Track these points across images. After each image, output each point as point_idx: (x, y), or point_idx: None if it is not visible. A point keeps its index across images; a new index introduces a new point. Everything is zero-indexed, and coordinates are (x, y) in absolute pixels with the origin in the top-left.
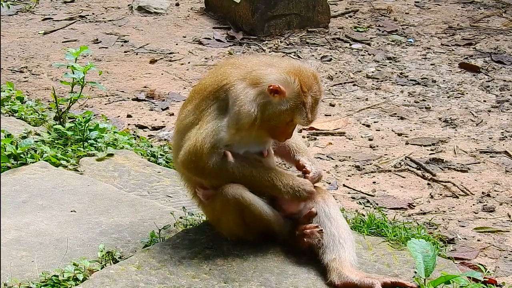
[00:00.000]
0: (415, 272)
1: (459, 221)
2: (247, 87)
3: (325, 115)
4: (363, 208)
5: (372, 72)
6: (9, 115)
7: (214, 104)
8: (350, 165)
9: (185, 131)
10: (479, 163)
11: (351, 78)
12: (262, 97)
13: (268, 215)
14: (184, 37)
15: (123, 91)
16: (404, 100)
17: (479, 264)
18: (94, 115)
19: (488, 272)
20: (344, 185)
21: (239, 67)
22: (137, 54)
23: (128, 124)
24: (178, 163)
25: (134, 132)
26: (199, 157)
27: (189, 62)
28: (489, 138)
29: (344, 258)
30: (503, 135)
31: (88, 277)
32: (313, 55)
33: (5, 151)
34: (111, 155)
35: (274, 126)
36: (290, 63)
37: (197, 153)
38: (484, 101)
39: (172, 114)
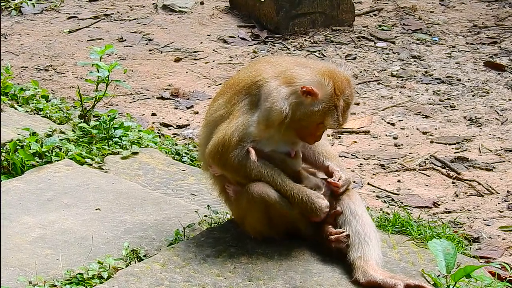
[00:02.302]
0: (439, 271)
1: (484, 220)
2: (281, 85)
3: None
4: (388, 207)
5: (397, 70)
6: (34, 114)
7: (246, 98)
8: (374, 164)
9: (215, 124)
10: (504, 161)
11: (376, 76)
12: (295, 97)
13: (293, 213)
14: (209, 35)
15: (147, 90)
16: (429, 99)
17: (504, 263)
18: (119, 113)
19: None
20: (368, 184)
21: (273, 65)
22: (161, 53)
23: (153, 123)
24: (206, 153)
25: (159, 130)
26: (226, 149)
27: (213, 61)
28: None
29: (370, 257)
30: None
31: (113, 275)
32: (337, 54)
33: (30, 149)
34: (135, 153)
35: (304, 127)
36: (324, 65)
37: (225, 145)
38: (509, 99)
39: (197, 113)
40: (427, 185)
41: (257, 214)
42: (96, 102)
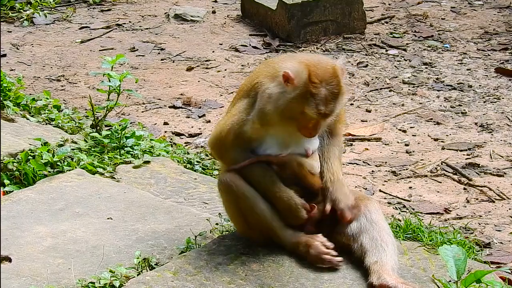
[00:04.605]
0: (450, 277)
1: (495, 226)
2: (270, 82)
3: (361, 120)
4: (399, 213)
5: (408, 77)
6: (46, 124)
7: (244, 100)
8: (386, 171)
9: None
10: None
11: (387, 84)
12: (279, 88)
13: (264, 211)
14: (221, 44)
15: (159, 99)
16: (440, 105)
17: None
18: (131, 122)
19: None
20: (380, 191)
21: (269, 65)
22: (173, 62)
23: (165, 132)
24: (207, 142)
25: (171, 139)
26: (222, 144)
27: (225, 69)
28: None
29: (385, 262)
30: None
31: (125, 284)
32: (349, 61)
33: (42, 159)
34: (147, 162)
35: (293, 119)
36: (311, 56)
37: (221, 139)
38: None
39: (209, 121)
40: (438, 192)
41: (232, 207)
42: (107, 111)
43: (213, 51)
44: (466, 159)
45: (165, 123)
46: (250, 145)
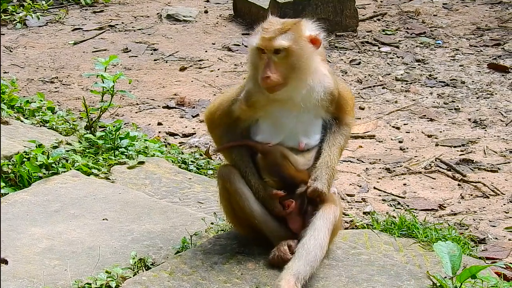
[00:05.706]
0: (445, 273)
1: (489, 221)
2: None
3: (355, 118)
4: (394, 210)
5: (401, 74)
6: (41, 126)
7: (238, 85)
8: (380, 168)
9: None
10: (509, 163)
11: (380, 81)
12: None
13: (253, 214)
14: (213, 44)
15: (153, 99)
16: (434, 102)
17: (510, 263)
18: (125, 123)
19: None
20: (374, 188)
21: None
22: (166, 62)
23: (159, 132)
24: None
25: (165, 139)
26: (212, 119)
27: (218, 69)
28: None
29: (292, 269)
30: None
31: (121, 284)
32: (342, 59)
33: (37, 161)
34: (142, 163)
35: (257, 65)
36: None
37: (211, 114)
38: None
39: (203, 121)
40: (432, 188)
41: (224, 201)
42: (101, 113)
43: (206, 51)
44: (460, 155)
45: (159, 124)
46: (239, 126)
